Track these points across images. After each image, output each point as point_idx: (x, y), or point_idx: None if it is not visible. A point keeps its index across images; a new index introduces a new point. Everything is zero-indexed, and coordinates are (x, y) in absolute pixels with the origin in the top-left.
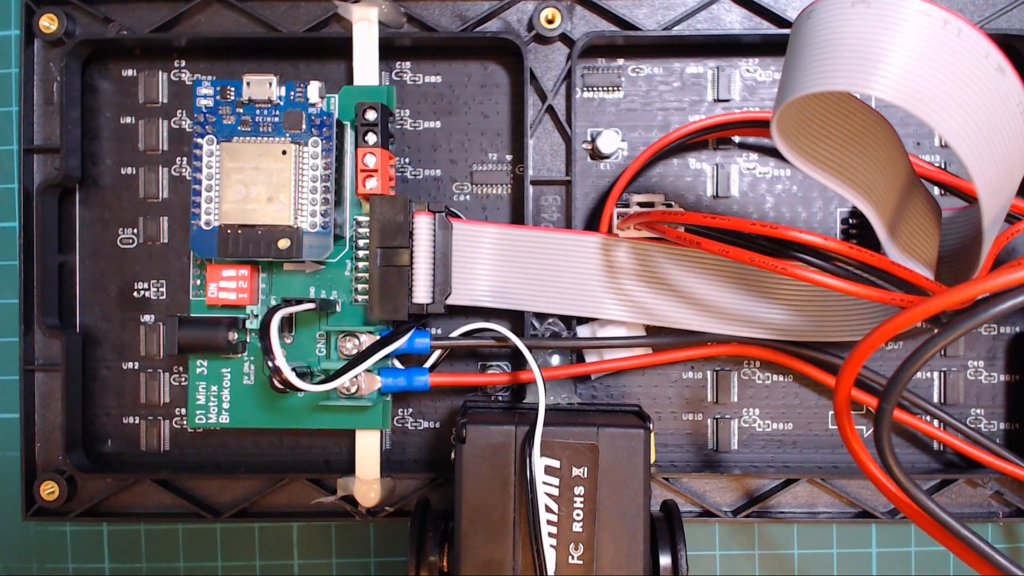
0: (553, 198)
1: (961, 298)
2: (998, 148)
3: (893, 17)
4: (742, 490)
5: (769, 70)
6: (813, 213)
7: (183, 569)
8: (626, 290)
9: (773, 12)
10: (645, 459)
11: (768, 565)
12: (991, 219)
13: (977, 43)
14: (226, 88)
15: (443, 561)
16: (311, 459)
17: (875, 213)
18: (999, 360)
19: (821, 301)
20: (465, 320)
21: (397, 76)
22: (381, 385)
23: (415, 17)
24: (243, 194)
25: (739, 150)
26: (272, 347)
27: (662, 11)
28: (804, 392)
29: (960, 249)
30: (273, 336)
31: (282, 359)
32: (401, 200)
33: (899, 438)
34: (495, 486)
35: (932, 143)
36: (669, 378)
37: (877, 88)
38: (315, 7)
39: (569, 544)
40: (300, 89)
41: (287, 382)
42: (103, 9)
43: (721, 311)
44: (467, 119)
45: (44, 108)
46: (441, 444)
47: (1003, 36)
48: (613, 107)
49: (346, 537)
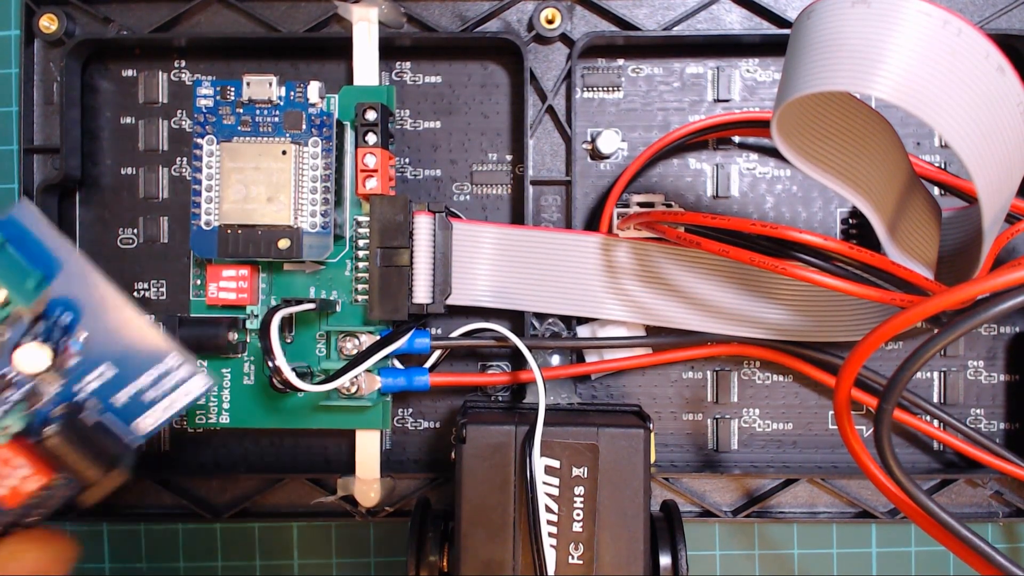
0: (553, 198)
1: (961, 298)
2: (998, 148)
3: (893, 17)
4: (742, 490)
5: (769, 70)
6: (813, 213)
7: (183, 569)
8: (626, 290)
9: (773, 12)
10: (645, 459)
11: (768, 565)
12: (991, 219)
13: (977, 43)
14: (226, 88)
15: (443, 561)
16: (311, 459)
17: (875, 213)
18: (999, 360)
19: (821, 301)
20: (465, 320)
21: (397, 76)
22: (381, 385)
23: (415, 17)
24: (243, 194)
25: (739, 150)
26: (272, 347)
27: (662, 11)
28: (804, 392)
29: (960, 249)
30: (273, 336)
31: (282, 359)
32: (401, 200)
33: (899, 438)
34: (495, 486)
35: (932, 143)
36: (669, 378)
37: (877, 88)
38: (315, 7)
39: (569, 544)
40: (300, 89)
41: (287, 382)
42: (103, 9)
43: (721, 311)
44: (467, 119)
45: (44, 108)
46: (441, 444)
47: (1003, 36)
48: (613, 107)
49: (346, 537)
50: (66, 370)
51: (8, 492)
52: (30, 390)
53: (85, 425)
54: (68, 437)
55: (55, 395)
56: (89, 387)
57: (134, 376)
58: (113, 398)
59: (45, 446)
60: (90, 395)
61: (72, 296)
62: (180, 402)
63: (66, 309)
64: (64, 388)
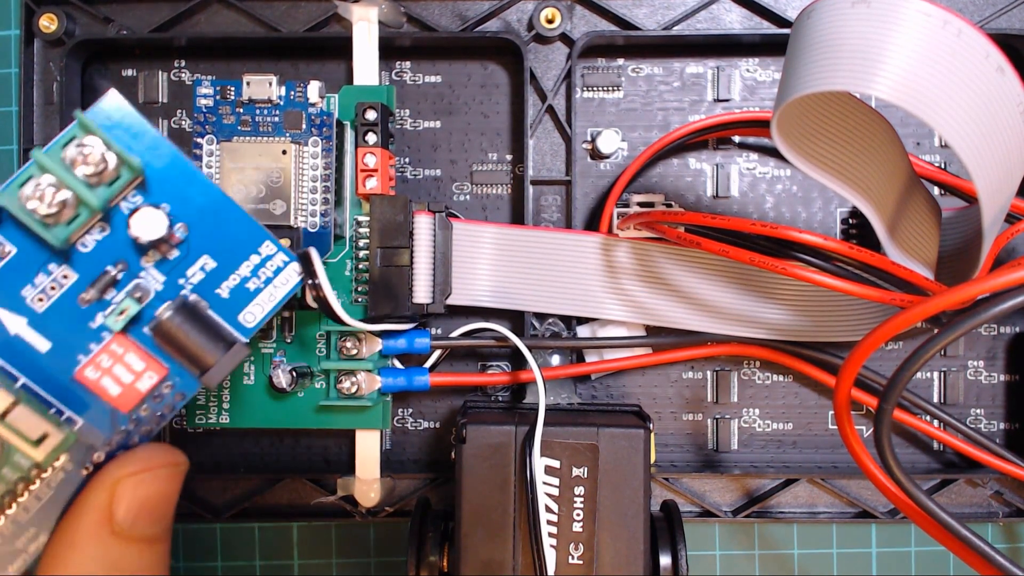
0: (553, 198)
1: (961, 298)
2: (998, 148)
3: (893, 17)
4: (742, 490)
5: (769, 70)
6: (813, 213)
7: (183, 569)
8: (626, 290)
9: (773, 12)
10: (645, 459)
11: (768, 565)
12: (991, 219)
13: (977, 43)
14: (226, 88)
15: (443, 561)
16: (311, 459)
17: (875, 213)
18: (999, 360)
19: (821, 301)
20: (465, 320)
21: (397, 76)
22: (381, 385)
23: (415, 17)
24: (243, 194)
25: (739, 150)
26: (316, 268)
27: (662, 11)
28: (804, 392)
29: (960, 249)
30: (316, 260)
31: (326, 281)
32: (401, 200)
33: (899, 438)
34: (495, 486)
35: (932, 143)
36: (669, 378)
37: (877, 88)
38: (315, 7)
39: (569, 544)
40: (300, 89)
41: (327, 302)
42: (103, 9)
43: (721, 311)
44: (467, 119)
45: (44, 108)
46: (441, 444)
47: (1003, 36)
48: (613, 107)
49: (346, 537)
50: (169, 262)
51: (122, 391)
52: (134, 287)
53: (197, 308)
54: (183, 319)
55: (158, 293)
56: (192, 280)
57: (233, 267)
58: (216, 291)
59: (162, 329)
60: (193, 289)
61: (166, 183)
62: (280, 292)
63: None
64: (166, 285)
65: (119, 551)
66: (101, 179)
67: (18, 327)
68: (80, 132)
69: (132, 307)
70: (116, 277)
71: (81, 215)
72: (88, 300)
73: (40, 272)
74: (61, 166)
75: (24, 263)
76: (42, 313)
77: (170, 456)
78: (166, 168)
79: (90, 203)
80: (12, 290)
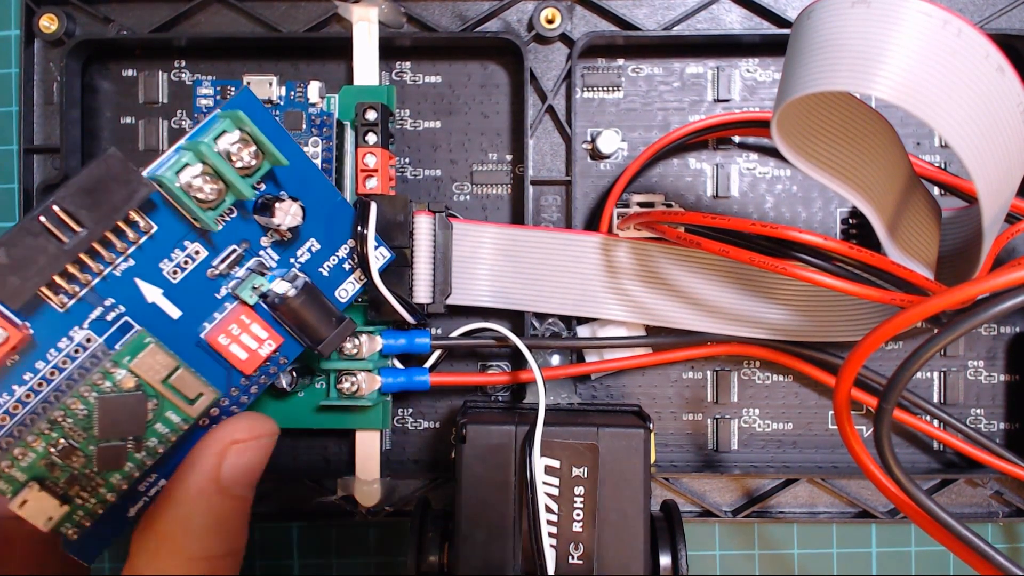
0: (553, 198)
1: (961, 298)
2: (998, 148)
3: (893, 17)
4: (742, 490)
5: (769, 70)
6: (813, 213)
7: None
8: (626, 290)
9: (773, 12)
10: (645, 459)
11: (768, 565)
12: (991, 219)
13: (977, 43)
14: (226, 88)
15: (443, 561)
16: (311, 459)
17: (875, 213)
18: (999, 360)
19: (821, 301)
20: (465, 320)
21: (397, 76)
22: (381, 385)
23: (415, 17)
24: None
25: (739, 150)
26: (370, 218)
27: (662, 11)
28: (804, 392)
29: (960, 249)
30: (372, 211)
31: (373, 233)
32: (401, 200)
33: (899, 438)
34: (495, 486)
35: (932, 143)
36: (669, 378)
37: (877, 88)
38: (315, 7)
39: (569, 544)
40: (300, 89)
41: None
42: (103, 9)
43: (721, 311)
44: (467, 119)
45: (44, 108)
46: (441, 444)
47: (1003, 36)
48: (613, 107)
49: (346, 537)
50: (283, 243)
51: (248, 356)
52: (256, 264)
53: (314, 289)
54: (306, 298)
55: (272, 270)
56: (301, 260)
57: (334, 249)
58: (319, 269)
59: (289, 306)
60: (300, 268)
61: (287, 174)
62: (372, 268)
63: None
64: (279, 263)
65: (220, 506)
66: (248, 171)
67: (155, 296)
68: (231, 127)
69: (264, 284)
70: (241, 254)
71: (226, 201)
72: (215, 274)
73: (176, 248)
74: (219, 159)
75: (164, 239)
76: (176, 284)
77: (269, 427)
78: (291, 162)
79: (243, 194)
80: (151, 263)
